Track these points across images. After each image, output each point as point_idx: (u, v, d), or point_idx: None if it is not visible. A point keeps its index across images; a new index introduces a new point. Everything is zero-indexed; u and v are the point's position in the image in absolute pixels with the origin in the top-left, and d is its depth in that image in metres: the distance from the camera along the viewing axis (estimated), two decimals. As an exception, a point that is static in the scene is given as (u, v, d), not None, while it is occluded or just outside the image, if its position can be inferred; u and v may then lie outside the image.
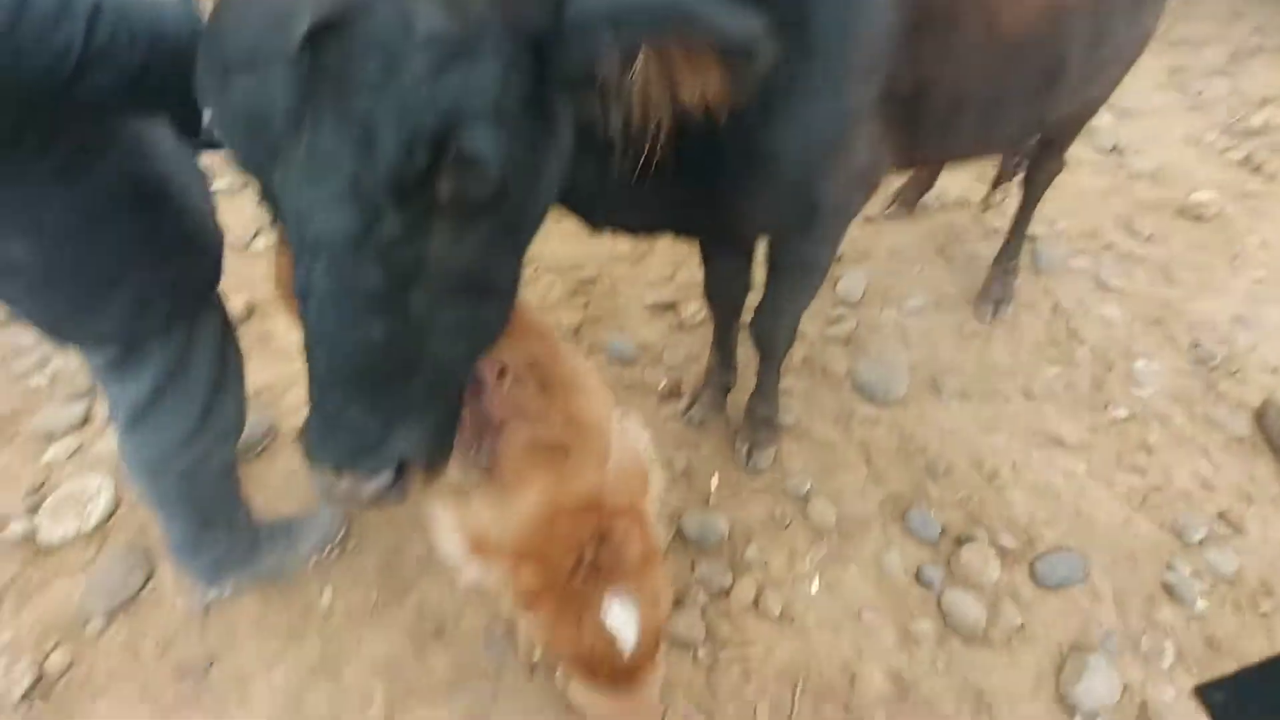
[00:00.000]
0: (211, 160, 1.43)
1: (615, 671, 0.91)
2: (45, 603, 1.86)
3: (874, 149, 1.32)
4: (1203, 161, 3.37)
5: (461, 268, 0.83)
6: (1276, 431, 2.16)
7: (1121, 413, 2.26)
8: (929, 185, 3.07)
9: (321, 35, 0.66)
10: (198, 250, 1.30)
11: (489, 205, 0.80)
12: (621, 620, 0.90)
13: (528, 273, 2.78)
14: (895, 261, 2.81)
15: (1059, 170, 2.46)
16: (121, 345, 1.31)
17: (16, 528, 1.99)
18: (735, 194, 1.24)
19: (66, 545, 1.97)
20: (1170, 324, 2.55)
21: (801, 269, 1.61)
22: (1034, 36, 1.35)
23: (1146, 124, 3.64)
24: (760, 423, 2.11)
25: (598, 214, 1.37)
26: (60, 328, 1.24)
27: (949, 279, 2.74)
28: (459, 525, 1.01)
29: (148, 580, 1.90)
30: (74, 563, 1.93)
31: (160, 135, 1.21)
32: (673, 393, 2.34)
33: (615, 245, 2.91)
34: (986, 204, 2.92)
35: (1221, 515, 2.00)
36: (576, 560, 0.91)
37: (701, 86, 0.76)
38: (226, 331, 1.52)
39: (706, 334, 2.51)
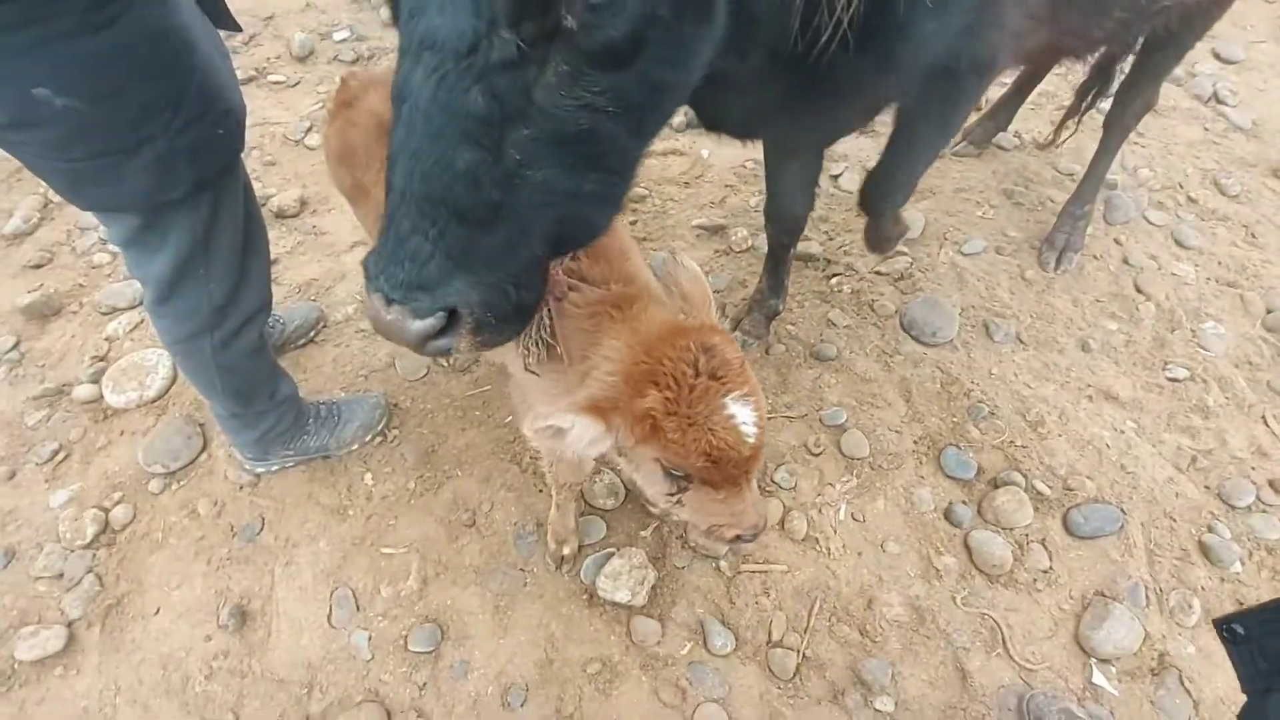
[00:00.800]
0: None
1: (740, 464, 0.99)
2: (109, 461, 1.98)
3: (1023, 13, 1.32)
4: (1310, 119, 3.10)
5: (571, 122, 0.76)
6: (1347, 405, 2.05)
7: (1181, 373, 2.17)
8: (1004, 123, 2.89)
9: None
10: (220, 117, 1.26)
11: (616, 58, 0.73)
12: (745, 415, 0.98)
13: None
14: (958, 201, 2.68)
15: (1146, 109, 2.30)
16: (142, 214, 1.29)
17: (82, 391, 2.10)
18: (896, 57, 1.18)
19: (128, 411, 2.07)
20: (1246, 287, 2.41)
21: (937, 126, 1.58)
22: None
23: (1250, 76, 3.34)
24: (875, 243, 2.00)
25: (722, 107, 1.36)
26: (83, 189, 1.21)
27: (1013, 223, 2.61)
28: (558, 393, 1.05)
29: (203, 450, 2.00)
30: (135, 427, 2.04)
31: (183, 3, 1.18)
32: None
33: (667, 166, 2.83)
34: (1054, 141, 2.73)
35: (1272, 483, 1.94)
36: (694, 372, 0.97)
37: None
38: (250, 208, 1.51)
39: (753, 260, 2.46)
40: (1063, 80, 3.20)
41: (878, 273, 2.44)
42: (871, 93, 1.36)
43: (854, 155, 2.80)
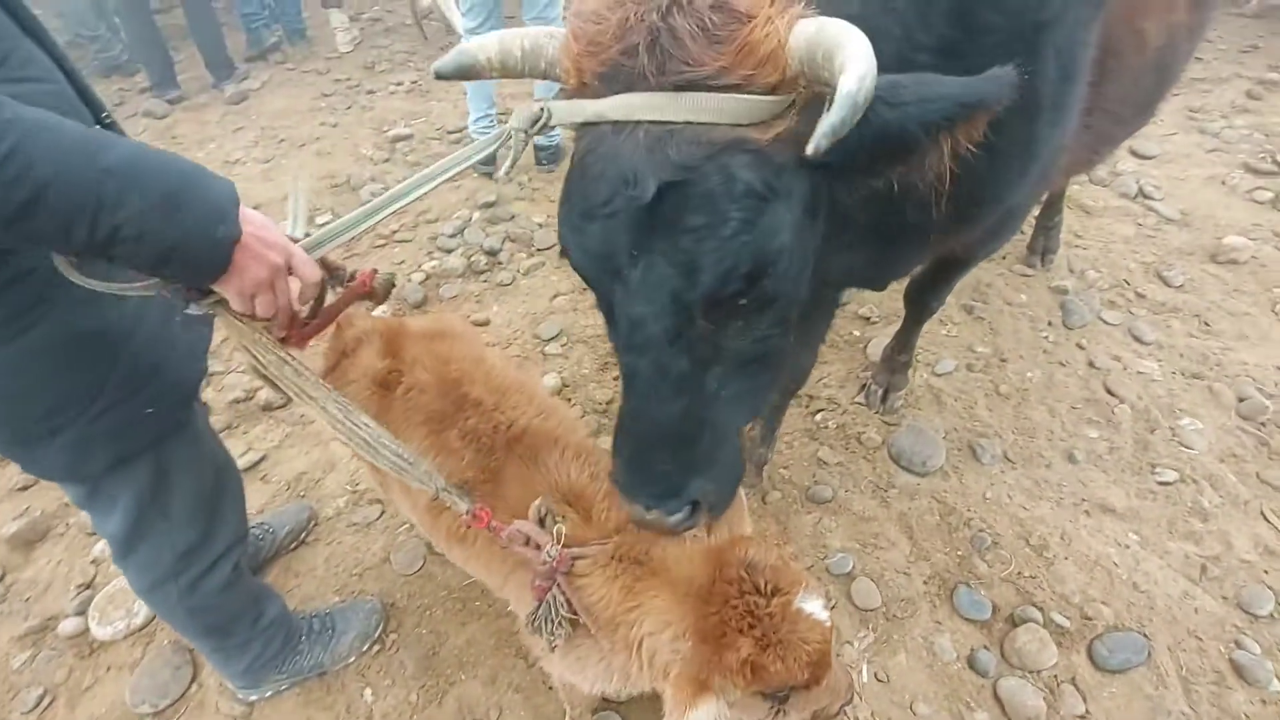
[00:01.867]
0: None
1: (829, 650, 1.00)
2: (95, 703, 1.88)
3: (1066, 150, 1.50)
4: (1230, 203, 3.33)
5: (746, 351, 1.02)
6: (1338, 492, 2.08)
7: (1170, 475, 2.19)
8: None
9: (663, 191, 0.83)
10: (153, 397, 1.22)
11: (772, 305, 0.99)
12: (816, 606, 0.99)
13: (559, 347, 2.82)
14: (923, 321, 2.80)
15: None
16: (79, 484, 1.28)
17: (68, 625, 2.02)
18: (965, 223, 1.41)
19: (115, 643, 1.99)
20: (1212, 378, 2.49)
21: (984, 253, 1.90)
22: (1162, 46, 1.61)
23: (1168, 168, 3.62)
24: (897, 368, 2.38)
25: (867, 278, 1.63)
26: (10, 460, 1.23)
27: (977, 338, 2.72)
28: (594, 663, 1.07)
29: (192, 680, 1.91)
30: (123, 661, 1.96)
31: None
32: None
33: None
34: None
35: (1288, 585, 1.91)
36: (763, 598, 0.98)
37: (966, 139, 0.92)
38: (207, 451, 1.48)
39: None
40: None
41: (859, 403, 2.49)
42: (946, 249, 1.61)
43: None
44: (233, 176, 4.13)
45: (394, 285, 1.27)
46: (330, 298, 1.23)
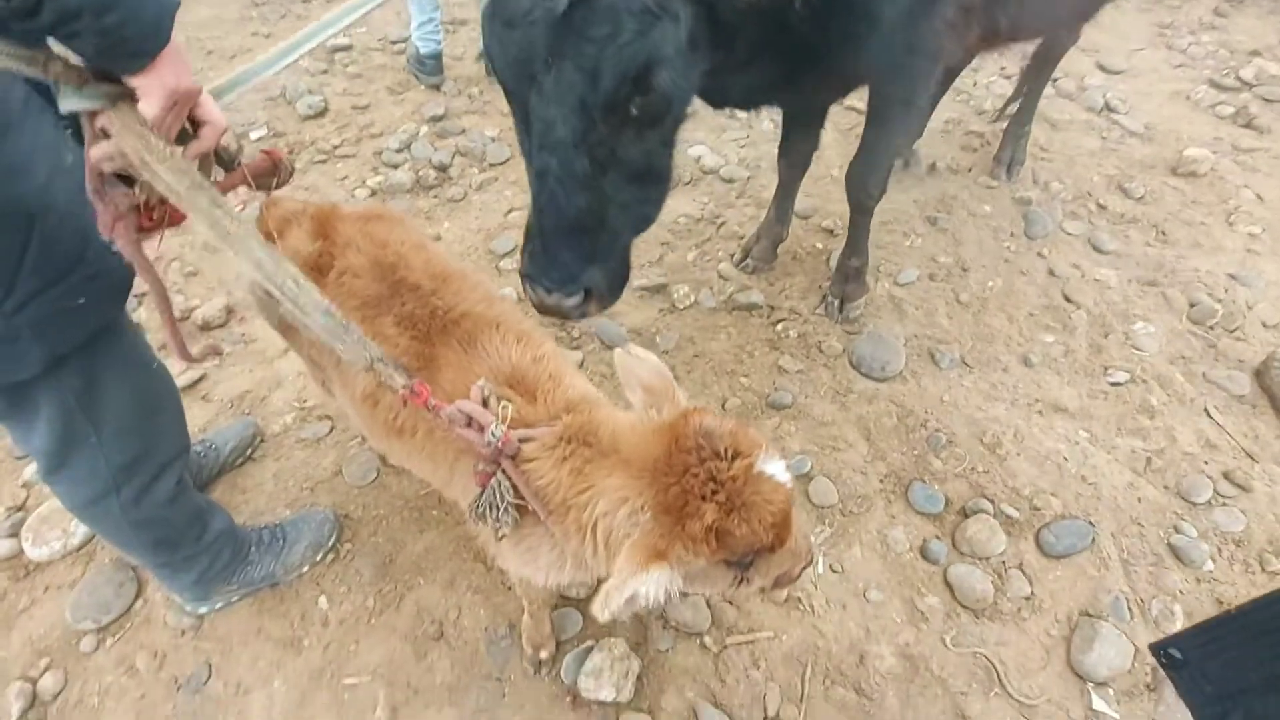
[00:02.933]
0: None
1: (787, 516, 0.98)
2: (34, 624, 1.81)
3: (960, 6, 1.66)
4: (1193, 118, 3.33)
5: (637, 161, 1.25)
6: (1279, 388, 2.14)
7: (1121, 376, 2.23)
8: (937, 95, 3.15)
9: (574, 4, 1.04)
10: (80, 284, 1.11)
11: (660, 118, 1.21)
12: (776, 468, 0.97)
13: (513, 263, 2.71)
14: (885, 234, 2.76)
15: (1072, 44, 2.71)
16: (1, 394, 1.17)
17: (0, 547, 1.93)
18: (849, 42, 1.56)
19: (52, 564, 1.91)
20: (1166, 285, 2.52)
21: (901, 107, 1.92)
22: None
23: (1135, 82, 3.58)
24: (852, 274, 2.39)
25: (721, 91, 1.74)
26: None
27: (940, 248, 2.70)
28: (544, 552, 1.03)
29: (137, 595, 1.84)
30: (61, 580, 1.88)
31: (15, 159, 1.01)
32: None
33: (601, 229, 2.85)
34: (1003, 113, 3.08)
35: (1226, 475, 1.99)
36: (725, 462, 0.94)
37: None
38: (139, 359, 1.37)
39: (698, 316, 2.47)
40: (965, 105, 3.37)
41: (820, 313, 2.47)
42: (842, 71, 1.76)
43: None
44: (159, 89, 3.81)
45: (293, 170, 1.17)
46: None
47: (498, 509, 1.11)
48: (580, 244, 1.29)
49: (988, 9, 1.74)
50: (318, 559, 1.88)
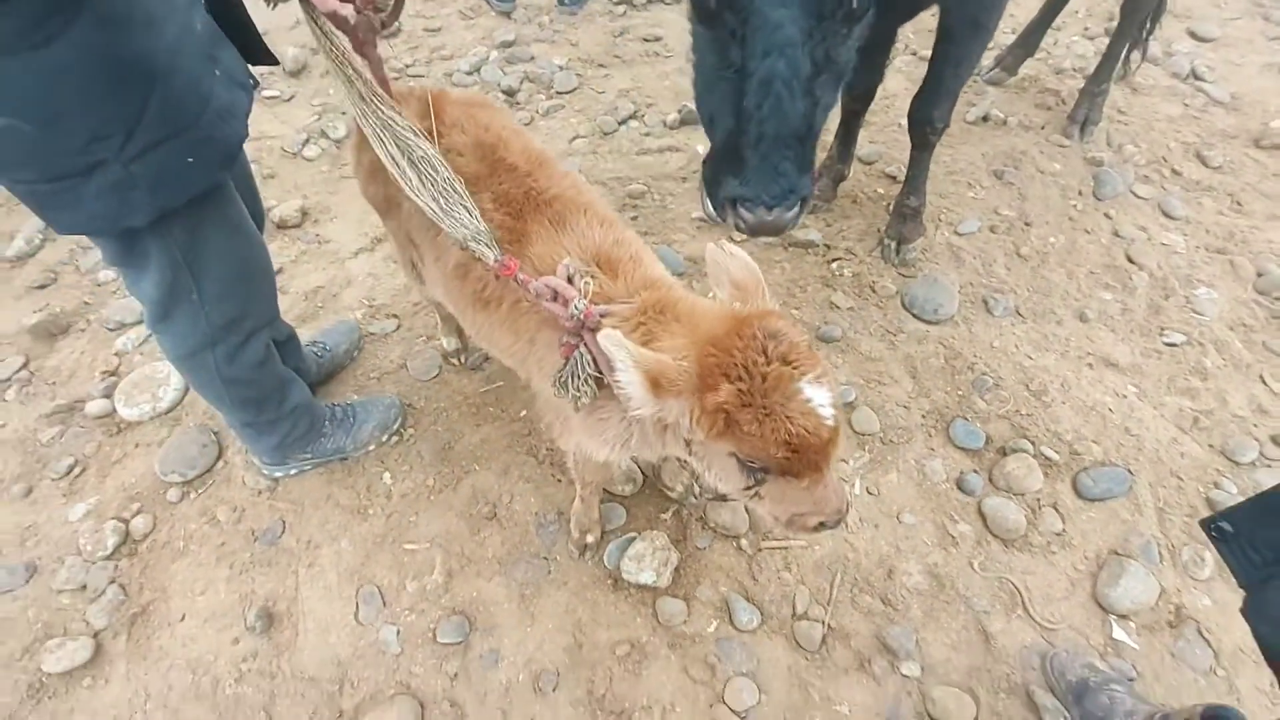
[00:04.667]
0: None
1: (820, 449, 0.95)
2: (126, 473, 1.98)
3: None
4: (1284, 91, 3.18)
5: (840, 60, 1.30)
6: (1340, 361, 2.11)
7: (1177, 338, 2.21)
8: (1033, 49, 3.17)
9: None
10: (192, 145, 1.19)
11: (861, 16, 1.27)
12: (821, 397, 0.94)
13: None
14: (949, 184, 2.74)
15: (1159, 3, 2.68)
16: (116, 238, 1.27)
17: (95, 406, 2.10)
18: None
19: (142, 424, 2.08)
20: (1235, 253, 2.47)
21: (970, 28, 1.94)
22: None
23: (1226, 52, 3.42)
24: (909, 214, 2.37)
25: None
26: (45, 212, 1.18)
27: (1004, 202, 2.67)
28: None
29: (219, 457, 2.01)
30: (150, 439, 2.05)
31: (150, 12, 1.08)
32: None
33: (665, 162, 2.88)
34: (1125, 71, 3.03)
35: (1274, 439, 1.98)
36: (765, 359, 0.93)
37: None
38: (241, 226, 1.47)
39: (751, 248, 2.50)
40: (1043, 64, 3.27)
41: (876, 254, 2.48)
42: None
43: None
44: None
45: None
46: None
47: (578, 379, 1.18)
48: (799, 152, 1.32)
49: None
50: (384, 439, 2.01)
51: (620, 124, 3.05)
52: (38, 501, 1.94)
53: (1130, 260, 2.45)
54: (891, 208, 2.48)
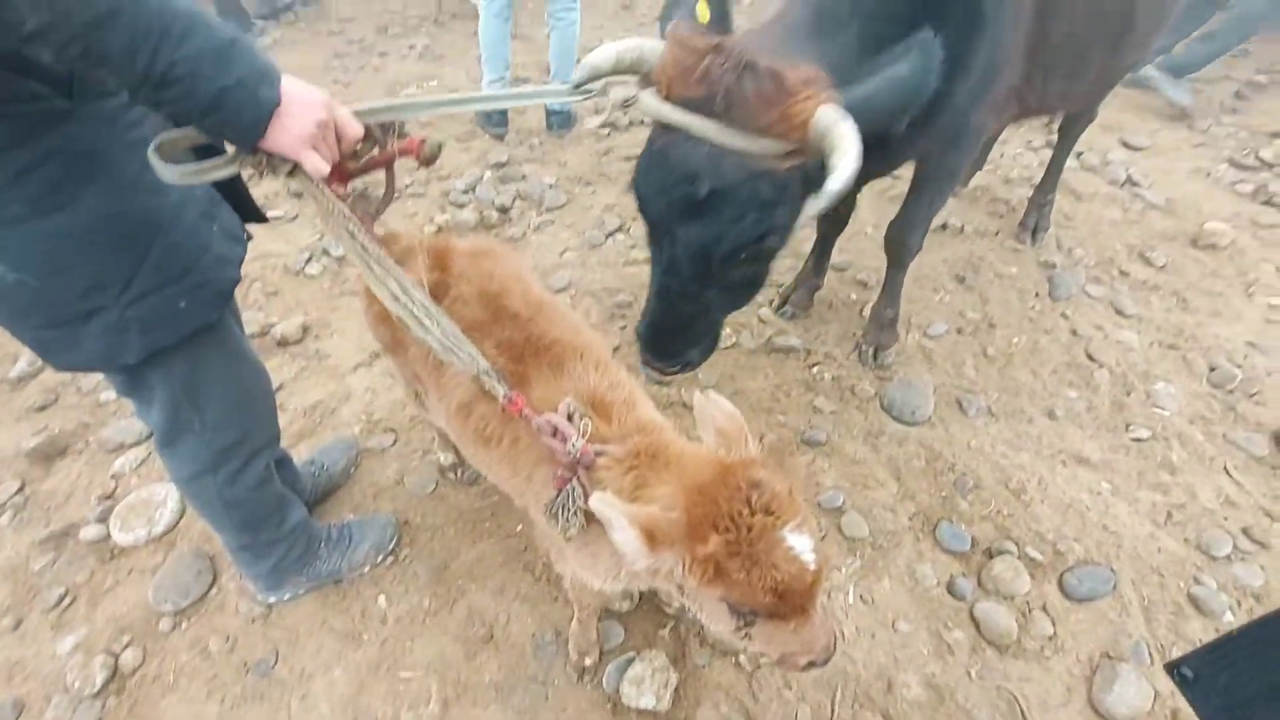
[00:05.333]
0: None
1: (805, 592, 1.00)
2: (117, 603, 1.96)
3: (1009, 87, 1.88)
4: (1213, 194, 3.49)
5: (740, 280, 1.56)
6: (1296, 452, 2.23)
7: (1143, 433, 2.33)
8: (981, 164, 3.51)
9: (713, 191, 1.31)
10: (185, 291, 1.27)
11: (763, 260, 1.54)
12: (803, 545, 0.99)
13: (567, 299, 2.92)
14: (917, 289, 2.92)
15: (1090, 122, 2.96)
16: (118, 374, 1.36)
17: (89, 531, 2.10)
18: (920, 131, 1.70)
19: (136, 549, 2.08)
20: (1187, 349, 2.63)
21: (946, 175, 2.13)
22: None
23: (1156, 159, 3.77)
24: (886, 323, 2.56)
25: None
26: (48, 354, 1.27)
27: (968, 305, 2.85)
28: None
29: (213, 584, 2.00)
30: (144, 565, 2.04)
31: (150, 170, 1.11)
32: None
33: (648, 273, 3.04)
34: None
35: (1245, 532, 2.06)
36: (749, 510, 0.99)
37: None
38: (240, 354, 1.55)
39: (739, 355, 2.63)
40: (993, 175, 3.57)
41: (854, 359, 2.62)
42: (901, 153, 1.99)
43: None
44: (246, 128, 4.18)
45: (440, 150, 1.31)
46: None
47: (569, 511, 1.25)
48: (684, 338, 1.67)
49: (1023, 89, 1.94)
50: (379, 561, 2.02)
51: (607, 237, 3.25)
52: (27, 635, 1.90)
53: (1090, 358, 2.60)
54: (868, 315, 2.64)
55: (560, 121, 3.98)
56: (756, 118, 1.25)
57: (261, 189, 3.59)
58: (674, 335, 1.66)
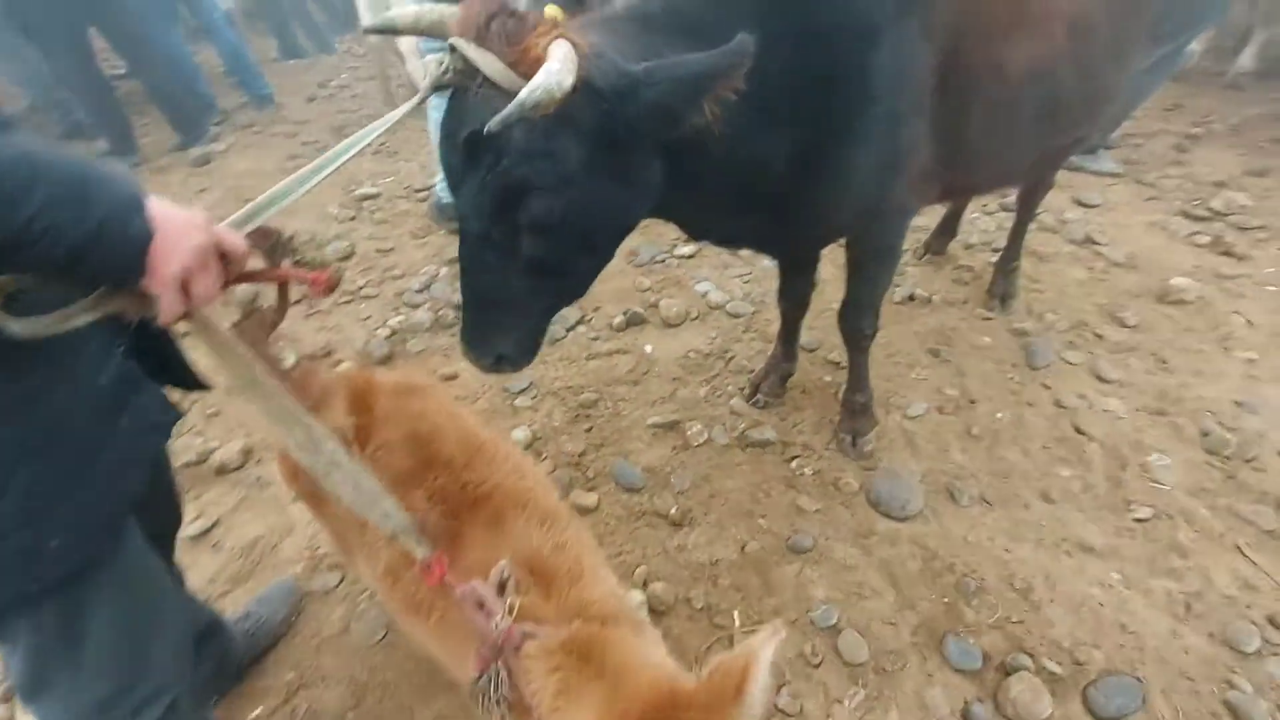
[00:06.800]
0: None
1: None
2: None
3: (924, 167, 1.80)
4: (1172, 247, 3.50)
5: (540, 256, 1.39)
6: (1306, 522, 2.10)
7: (1145, 512, 2.19)
8: (954, 231, 3.46)
9: (472, 137, 1.23)
10: (59, 520, 1.00)
11: (555, 227, 1.34)
12: None
13: (529, 400, 2.76)
14: (890, 365, 2.82)
15: (1048, 190, 2.92)
16: None
17: (-18, 723, 1.82)
18: (827, 201, 1.73)
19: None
20: (1175, 414, 2.54)
21: (878, 255, 2.07)
22: (1037, 79, 1.79)
23: (1111, 215, 3.80)
24: (859, 409, 2.44)
25: (700, 229, 1.92)
26: None
27: (946, 381, 2.75)
28: None
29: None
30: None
31: (32, 388, 0.95)
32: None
33: (614, 366, 2.92)
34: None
35: (1271, 620, 1.90)
36: None
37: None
38: (137, 581, 1.22)
39: (711, 454, 2.48)
40: (954, 242, 3.56)
41: (833, 448, 2.47)
42: (817, 227, 1.92)
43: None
44: (194, 236, 4.06)
45: (340, 279, 1.20)
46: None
47: (490, 699, 1.04)
48: (492, 324, 1.53)
49: (942, 173, 1.86)
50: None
51: (568, 330, 3.13)
52: None
53: (1078, 431, 2.49)
54: (841, 401, 2.52)
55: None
56: (504, 55, 1.23)
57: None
58: (481, 319, 1.52)
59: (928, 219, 3.49)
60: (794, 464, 2.42)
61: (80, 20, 4.57)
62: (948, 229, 3.46)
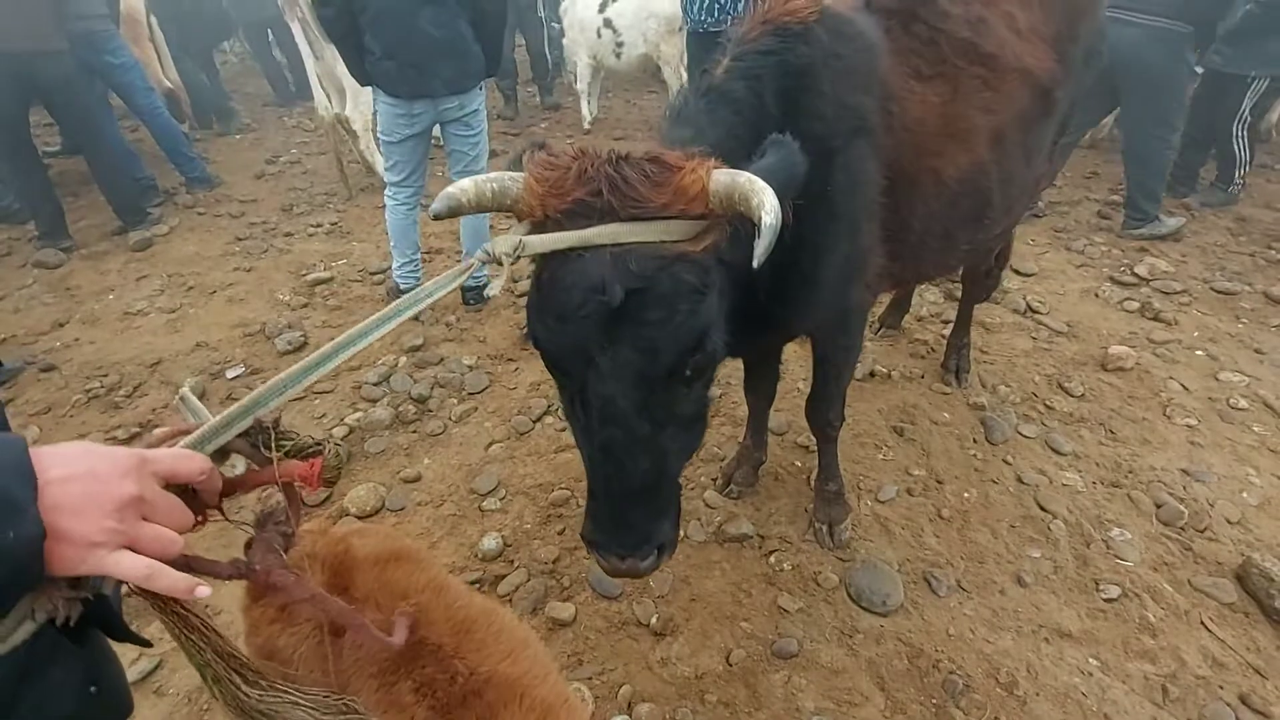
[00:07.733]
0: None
1: None
2: None
3: (878, 267, 1.93)
4: (1106, 314, 3.71)
5: (688, 410, 1.29)
6: (1263, 594, 2.18)
7: (1113, 591, 2.24)
8: (907, 307, 3.61)
9: (629, 295, 1.08)
10: None
11: (706, 370, 1.29)
12: None
13: (497, 502, 2.68)
14: (858, 446, 2.86)
15: (988, 271, 3.04)
16: None
17: None
18: (798, 307, 1.78)
19: None
20: (1129, 486, 2.64)
21: (842, 352, 2.15)
22: (967, 183, 2.00)
23: (1047, 284, 4.03)
24: (832, 498, 2.46)
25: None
26: None
27: (912, 460, 2.80)
28: None
29: None
30: None
31: None
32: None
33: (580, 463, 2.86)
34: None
35: (1244, 700, 1.94)
36: None
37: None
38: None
39: (690, 551, 2.43)
40: (911, 318, 3.69)
41: (808, 539, 2.46)
42: (785, 331, 2.01)
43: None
44: (134, 329, 3.88)
45: (343, 462, 0.97)
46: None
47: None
48: (648, 504, 1.29)
49: (892, 266, 2.02)
50: None
51: (535, 422, 3.08)
52: None
53: (1042, 508, 2.56)
54: (814, 489, 2.53)
55: (476, 296, 3.90)
56: (651, 200, 1.11)
57: (141, 409, 3.25)
58: (636, 508, 1.28)
59: (883, 296, 3.62)
60: (773, 559, 2.40)
61: (24, 97, 4.36)
62: (901, 305, 3.59)
